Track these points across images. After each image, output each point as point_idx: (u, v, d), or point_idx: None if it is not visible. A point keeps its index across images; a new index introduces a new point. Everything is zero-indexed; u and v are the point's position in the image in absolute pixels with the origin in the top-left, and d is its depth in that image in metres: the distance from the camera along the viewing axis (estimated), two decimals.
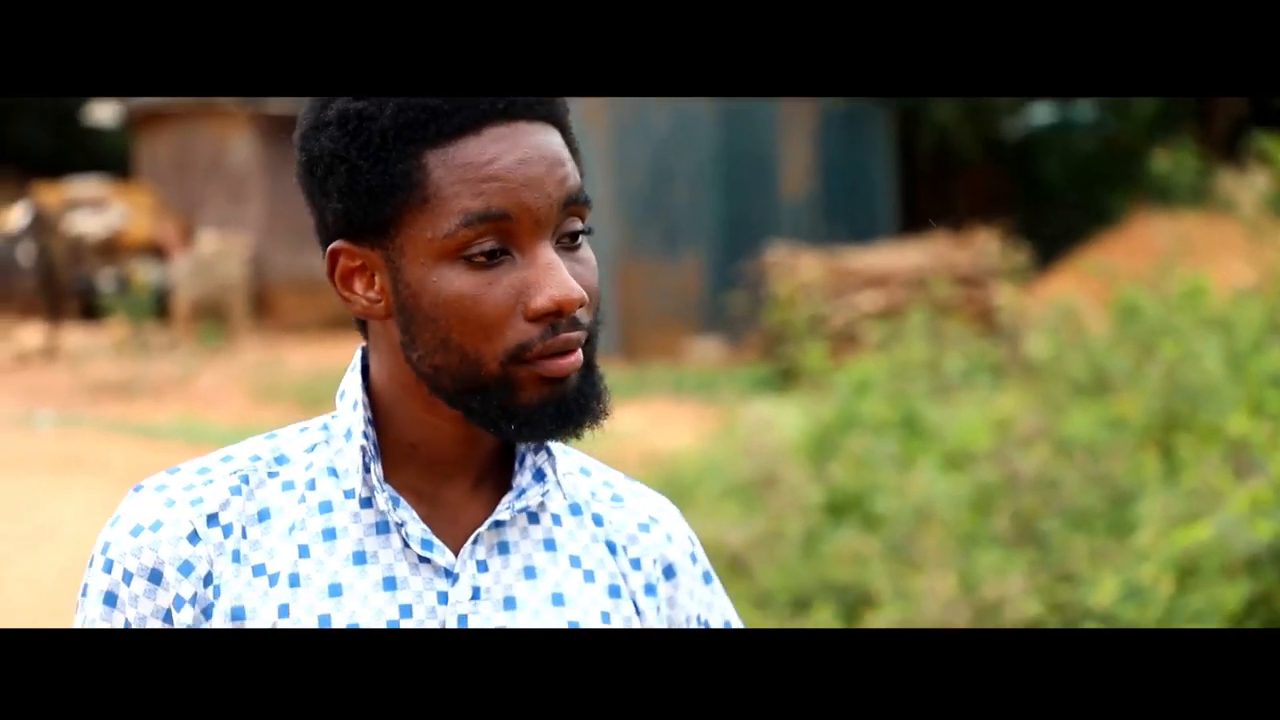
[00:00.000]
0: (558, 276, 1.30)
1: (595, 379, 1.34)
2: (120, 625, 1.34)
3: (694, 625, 1.45)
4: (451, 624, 1.35)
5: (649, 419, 11.37)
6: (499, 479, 1.40)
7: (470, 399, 1.32)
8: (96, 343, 17.20)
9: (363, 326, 1.39)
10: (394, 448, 1.37)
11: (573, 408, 1.32)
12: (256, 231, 19.21)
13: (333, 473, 1.38)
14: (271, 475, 1.38)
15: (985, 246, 12.73)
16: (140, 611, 1.33)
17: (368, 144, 1.31)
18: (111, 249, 19.14)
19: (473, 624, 1.35)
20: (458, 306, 1.30)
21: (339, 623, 1.33)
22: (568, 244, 1.34)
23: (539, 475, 1.38)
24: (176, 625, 1.33)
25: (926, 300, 9.26)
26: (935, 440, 6.15)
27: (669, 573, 1.45)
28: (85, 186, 19.87)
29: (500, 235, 1.30)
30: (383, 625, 1.33)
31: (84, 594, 1.36)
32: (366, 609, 1.34)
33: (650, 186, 15.28)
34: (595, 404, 1.34)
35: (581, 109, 15.31)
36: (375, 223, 1.32)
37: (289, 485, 1.37)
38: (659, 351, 14.79)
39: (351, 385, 1.39)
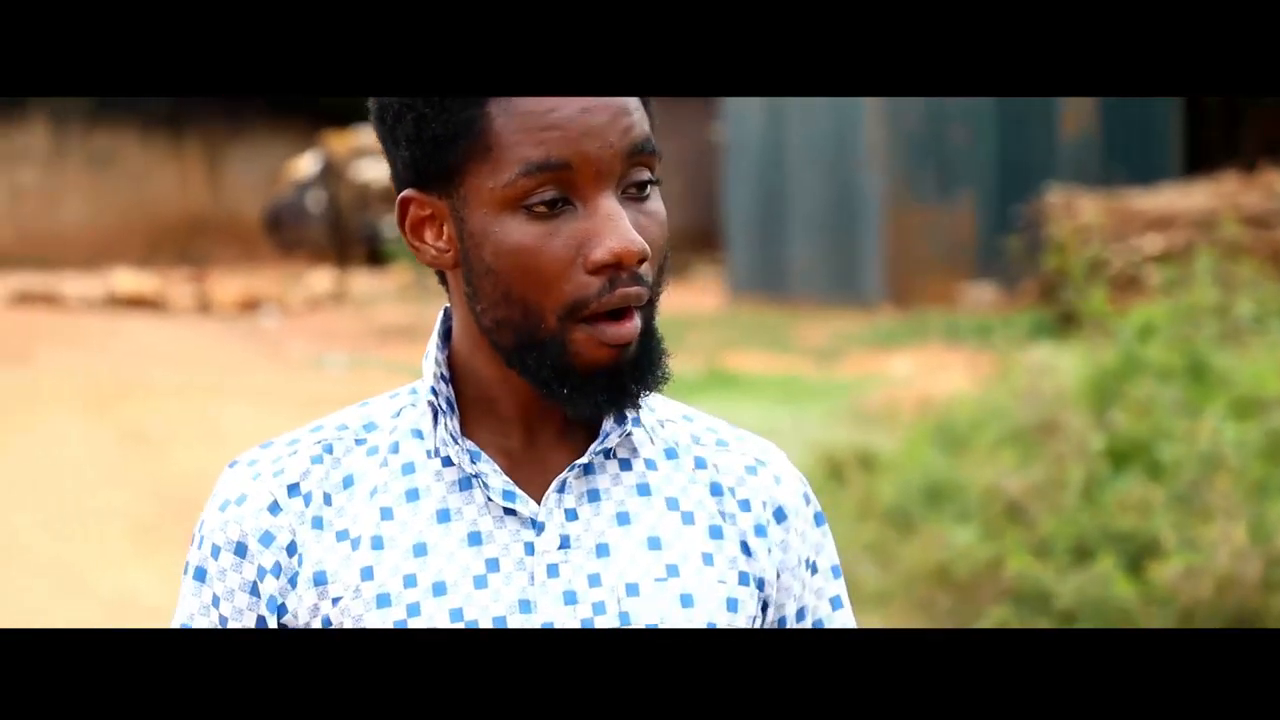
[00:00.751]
0: (618, 227, 1.27)
1: (653, 345, 1.32)
2: (208, 601, 1.35)
3: (802, 568, 1.42)
4: (540, 574, 1.33)
5: (922, 365, 11.27)
6: (587, 428, 1.36)
7: (527, 355, 1.30)
8: (382, 287, 17.82)
9: (444, 280, 1.37)
10: (475, 403, 1.36)
11: (627, 377, 1.30)
12: None
13: (417, 434, 1.37)
14: (359, 443, 1.37)
15: (1277, 186, 12.22)
16: (228, 585, 1.35)
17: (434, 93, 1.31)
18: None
19: (563, 573, 1.33)
20: (518, 257, 1.29)
21: (425, 581, 1.32)
22: (634, 194, 1.30)
23: (621, 419, 1.35)
24: (262, 595, 1.34)
25: (1213, 242, 8.95)
26: (1224, 387, 5.96)
27: (779, 515, 1.41)
28: (372, 134, 20.48)
29: (561, 185, 1.28)
30: (469, 580, 1.32)
31: (184, 571, 1.38)
32: (453, 565, 1.32)
33: (924, 128, 15.06)
34: (651, 373, 1.31)
35: None
36: (441, 171, 1.31)
37: (374, 451, 1.36)
38: (931, 297, 14.60)
39: (432, 344, 1.37)
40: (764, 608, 1.40)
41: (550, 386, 1.30)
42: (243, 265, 21.44)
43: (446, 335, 1.38)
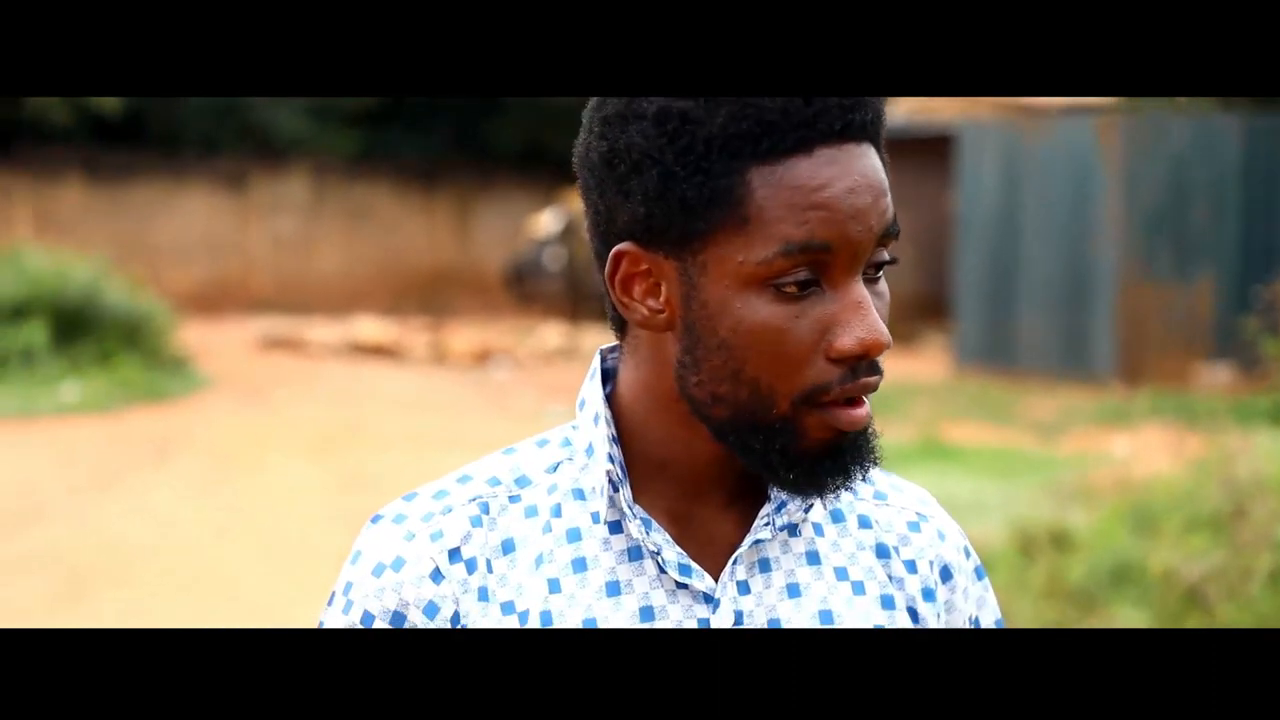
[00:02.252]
0: (868, 318, 1.21)
1: (871, 429, 1.25)
2: None
3: (968, 626, 1.37)
4: None
5: (1144, 445, 10.99)
6: (754, 491, 1.30)
7: (751, 437, 1.23)
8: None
9: (619, 327, 1.29)
10: (642, 464, 1.28)
11: (849, 460, 1.23)
12: None
13: (579, 495, 1.29)
14: (513, 500, 1.29)
15: None
16: None
17: (688, 150, 1.20)
18: None
19: None
20: (760, 337, 1.21)
21: None
22: (871, 275, 1.24)
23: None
24: None
25: None
26: None
27: (945, 574, 1.36)
28: None
29: (814, 266, 1.21)
30: None
31: None
32: None
33: (1165, 204, 14.73)
34: (869, 457, 1.24)
35: (1094, 123, 14.92)
36: (680, 234, 1.22)
37: (532, 511, 1.29)
38: (1163, 376, 14.23)
39: (592, 395, 1.30)
40: None
41: (776, 469, 1.24)
42: (482, 317, 22.00)
43: (603, 381, 1.31)
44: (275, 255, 23.53)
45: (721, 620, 1.26)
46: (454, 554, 1.26)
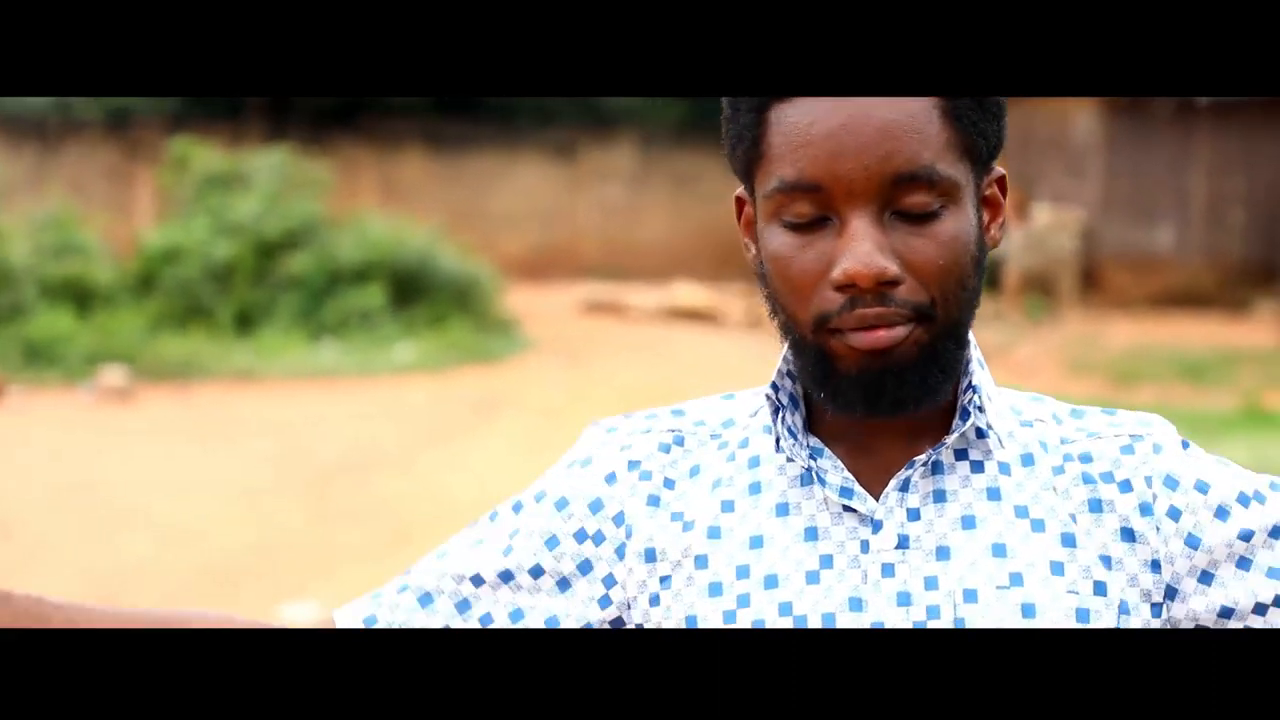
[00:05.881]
0: (857, 250, 1.24)
1: (928, 360, 1.27)
2: (507, 530, 1.38)
3: (1211, 518, 1.31)
4: (874, 573, 1.29)
5: None
6: (940, 428, 1.33)
7: (801, 359, 1.30)
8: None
9: None
10: None
11: (887, 385, 1.26)
12: (1091, 206, 19.27)
13: (767, 429, 1.36)
14: (714, 437, 1.38)
15: None
16: (529, 525, 1.37)
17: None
18: None
19: (899, 574, 1.29)
20: (775, 265, 1.28)
21: (757, 573, 1.31)
22: (909, 218, 1.25)
23: (965, 415, 1.31)
24: (570, 556, 1.36)
25: None
26: None
27: (1170, 482, 1.32)
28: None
29: (818, 203, 1.25)
30: (801, 575, 1.30)
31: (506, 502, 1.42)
32: (786, 560, 1.31)
33: None
34: (913, 387, 1.27)
35: None
36: (740, 170, 1.31)
37: (724, 445, 1.37)
38: None
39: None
40: (1171, 595, 1.32)
41: (812, 388, 1.30)
42: None
43: None
44: (602, 222, 24.14)
45: (883, 542, 1.30)
46: (633, 464, 1.37)
